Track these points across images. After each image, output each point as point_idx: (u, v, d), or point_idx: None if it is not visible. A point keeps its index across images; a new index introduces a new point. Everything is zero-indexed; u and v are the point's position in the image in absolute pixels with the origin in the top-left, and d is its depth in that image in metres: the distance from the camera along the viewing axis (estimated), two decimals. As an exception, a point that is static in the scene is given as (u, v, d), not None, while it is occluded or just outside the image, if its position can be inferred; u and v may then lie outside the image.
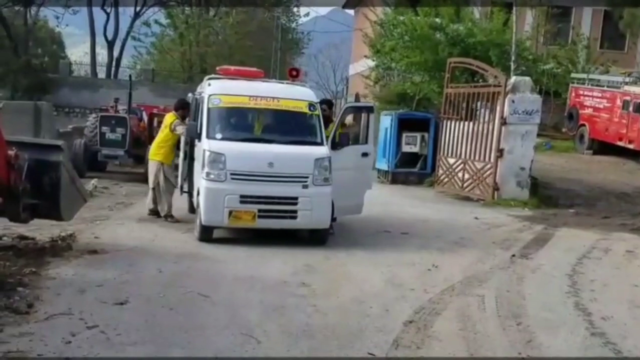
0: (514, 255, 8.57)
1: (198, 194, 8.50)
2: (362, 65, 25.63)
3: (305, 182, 8.28)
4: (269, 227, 8.43)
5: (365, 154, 9.45)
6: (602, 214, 12.55)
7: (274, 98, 8.85)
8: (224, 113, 8.84)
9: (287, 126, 9.00)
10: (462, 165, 14.01)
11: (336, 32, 41.50)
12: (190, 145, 9.60)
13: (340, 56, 51.22)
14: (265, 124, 9.05)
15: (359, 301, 6.20)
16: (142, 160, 14.51)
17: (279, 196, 8.19)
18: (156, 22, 33.73)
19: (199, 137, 8.69)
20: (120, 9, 34.10)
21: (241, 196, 8.05)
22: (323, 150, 8.57)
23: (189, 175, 9.65)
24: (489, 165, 13.31)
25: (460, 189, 14.04)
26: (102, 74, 34.00)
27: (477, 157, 13.66)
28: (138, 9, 34.42)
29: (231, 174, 8.07)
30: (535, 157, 13.85)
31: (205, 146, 8.31)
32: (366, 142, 9.56)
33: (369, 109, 9.92)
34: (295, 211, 8.27)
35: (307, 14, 42.04)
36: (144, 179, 13.70)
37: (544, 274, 7.72)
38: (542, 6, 24.35)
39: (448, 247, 8.87)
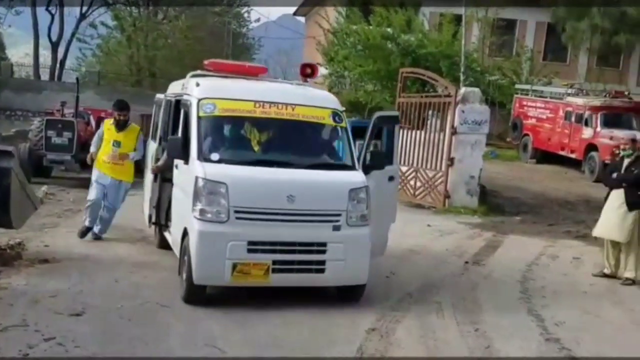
0: (467, 262, 8.76)
1: (184, 236, 6.27)
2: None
3: (337, 221, 6.16)
4: (287, 285, 6.25)
5: (391, 178, 7.26)
6: (547, 222, 12.95)
7: (287, 104, 6.61)
8: (221, 125, 6.68)
9: (307, 143, 6.87)
10: (414, 173, 14.22)
11: (287, 39, 41.71)
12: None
13: (291, 62, 51.50)
14: (278, 141, 6.71)
15: (323, 311, 6.25)
16: (90, 165, 14.23)
17: (302, 242, 6.06)
18: (102, 23, 33.00)
19: (184, 157, 6.40)
20: (66, 10, 33.20)
21: (250, 243, 5.89)
22: (358, 177, 6.43)
23: (160, 202, 7.77)
24: (440, 174, 13.56)
25: (412, 197, 14.24)
26: (45, 76, 33.00)
27: (428, 166, 13.89)
28: (84, 10, 33.61)
29: (236, 212, 5.89)
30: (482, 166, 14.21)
31: (197, 172, 6.03)
32: (391, 163, 7.22)
33: (395, 120, 7.74)
34: (322, 262, 6.12)
35: (258, 20, 42.12)
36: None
37: (496, 281, 7.93)
38: (488, 18, 25.07)
39: (403, 255, 8.99)
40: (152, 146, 8.52)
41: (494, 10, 25.49)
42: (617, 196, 8.30)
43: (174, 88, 8.05)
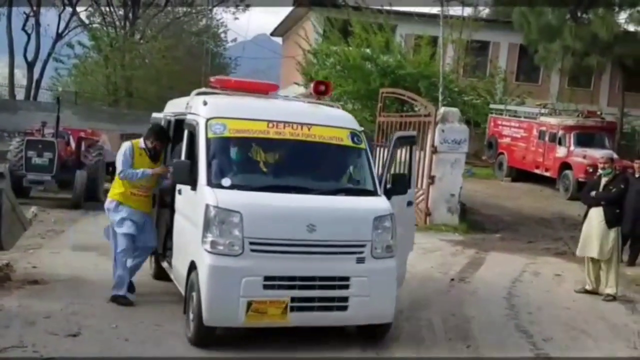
0: (452, 280, 8.92)
1: (190, 270, 5.72)
2: (291, 91, 25.96)
3: (361, 253, 5.68)
4: (307, 325, 5.74)
5: (409, 203, 6.84)
6: (526, 239, 13.21)
7: (302, 124, 6.13)
8: (232, 147, 6.15)
9: (325, 166, 6.42)
10: (395, 192, 14.42)
11: (264, 59, 41.90)
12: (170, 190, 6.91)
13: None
14: (294, 164, 6.27)
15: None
16: (69, 185, 14.11)
17: (323, 276, 5.56)
18: (79, 43, 32.83)
19: (191, 183, 5.88)
20: (42, 30, 33.01)
21: (266, 278, 5.39)
22: (382, 203, 5.99)
23: (157, 230, 7.11)
24: (421, 192, 13.76)
25: (394, 215, 14.42)
26: (20, 96, 32.66)
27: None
28: (60, 30, 33.45)
29: (251, 244, 5.40)
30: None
31: (208, 199, 5.53)
32: (409, 186, 6.74)
33: (412, 140, 7.30)
34: (345, 298, 5.60)
35: (235, 40, 42.26)
36: (70, 205, 13.40)
37: (482, 297, 8.09)
38: (462, 40, 25.59)
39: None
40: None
41: (468, 32, 26.04)
42: (596, 214, 8.55)
43: (174, 106, 7.61)
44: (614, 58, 25.50)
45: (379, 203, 5.99)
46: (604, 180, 8.68)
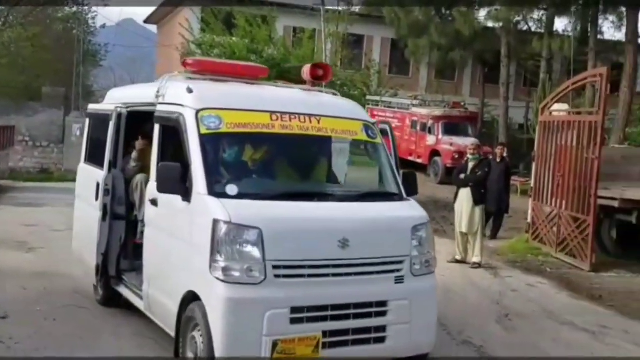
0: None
1: (187, 304, 4.63)
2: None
3: (400, 271, 4.76)
4: None
5: None
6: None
7: (311, 116, 5.08)
8: (233, 145, 5.13)
9: (343, 167, 5.80)
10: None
11: (140, 47, 41.02)
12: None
13: (140, 71, 50.23)
14: (307, 164, 5.50)
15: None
16: None
17: (358, 302, 4.59)
18: None
19: (183, 191, 4.70)
20: None
21: (293, 310, 4.37)
22: (416, 209, 5.10)
23: (110, 248, 5.99)
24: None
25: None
26: None
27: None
28: None
29: (274, 268, 4.35)
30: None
31: (214, 212, 4.42)
32: None
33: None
34: (383, 328, 4.68)
35: (104, 26, 40.88)
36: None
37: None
38: (339, 33, 26.81)
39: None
40: (94, 173, 6.40)
41: (344, 26, 27.32)
42: (465, 194, 9.84)
43: (130, 95, 6.46)
44: (474, 53, 27.96)
45: (413, 209, 5.08)
46: (471, 165, 9.97)
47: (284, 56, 18.23)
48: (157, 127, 5.38)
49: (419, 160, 22.02)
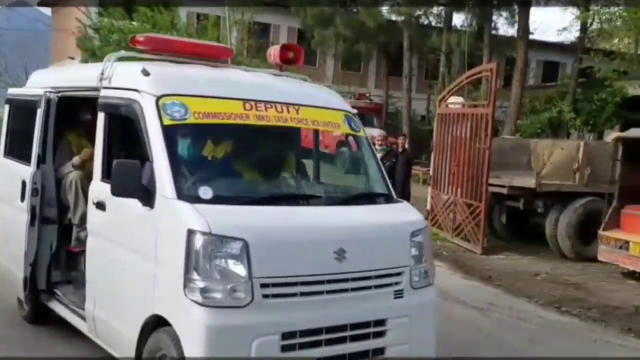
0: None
1: (151, 330, 3.88)
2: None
3: (399, 284, 4.20)
4: None
5: None
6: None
7: (288, 105, 4.42)
8: (201, 139, 4.44)
9: (327, 163, 5.09)
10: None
11: (27, 31, 38.87)
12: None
13: (34, 56, 47.56)
14: (286, 161, 4.92)
15: None
16: None
17: (355, 323, 3.97)
18: None
19: (143, 195, 3.93)
20: None
21: (284, 336, 3.71)
22: (412, 212, 4.56)
23: (39, 257, 5.12)
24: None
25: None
26: None
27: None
28: None
29: (262, 287, 3.67)
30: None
31: (188, 221, 3.68)
32: None
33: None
34: (381, 350, 4.11)
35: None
36: None
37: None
38: (244, 21, 26.66)
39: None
40: (18, 169, 5.49)
41: (249, 14, 27.16)
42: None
43: (64, 78, 5.54)
44: (379, 45, 28.63)
45: (409, 212, 4.54)
46: (379, 155, 10.28)
47: (188, 43, 17.95)
48: (101, 116, 4.57)
49: (326, 151, 22.32)
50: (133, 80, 4.25)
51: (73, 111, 5.44)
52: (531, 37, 22.81)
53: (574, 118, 20.75)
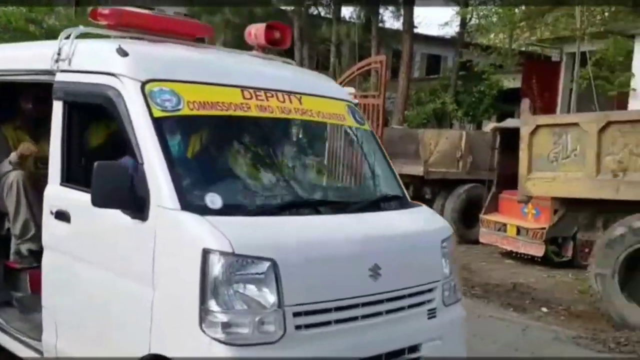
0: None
1: None
2: None
3: (431, 302, 3.67)
4: None
5: None
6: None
7: (290, 94, 3.79)
8: (200, 134, 3.75)
9: (323, 162, 4.47)
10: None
11: None
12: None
13: None
14: (295, 160, 4.24)
15: None
16: None
17: (390, 351, 3.39)
18: None
19: (133, 205, 3.18)
20: None
21: None
22: (435, 217, 4.16)
23: None
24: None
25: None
26: None
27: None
28: None
29: (295, 316, 3.04)
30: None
31: (200, 238, 2.98)
32: None
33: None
34: None
35: None
36: None
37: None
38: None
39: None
40: None
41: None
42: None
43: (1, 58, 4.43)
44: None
45: (434, 217, 4.11)
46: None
47: (67, 27, 17.14)
48: (57, 106, 3.75)
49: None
50: (104, 62, 3.49)
51: (7, 99, 4.65)
52: (416, 31, 23.73)
53: (456, 109, 21.86)
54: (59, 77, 3.75)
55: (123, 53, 3.41)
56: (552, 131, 7.99)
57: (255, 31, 4.32)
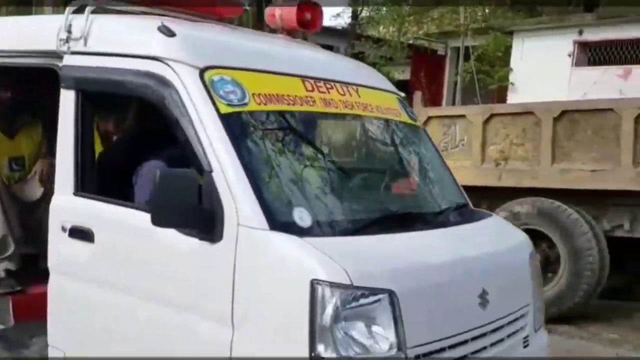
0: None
1: None
2: None
3: (524, 329, 3.19)
4: None
5: None
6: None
7: (347, 85, 3.23)
8: (269, 134, 2.90)
9: (395, 166, 3.64)
10: None
11: None
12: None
13: None
14: (373, 165, 3.64)
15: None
16: None
17: None
18: None
19: (205, 224, 2.52)
20: None
21: None
22: (510, 227, 3.68)
23: None
24: None
25: None
26: None
27: None
28: None
29: (417, 359, 2.49)
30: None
31: (307, 266, 2.37)
32: None
33: None
34: None
35: None
36: None
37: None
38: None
39: None
40: None
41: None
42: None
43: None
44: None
45: (510, 227, 3.64)
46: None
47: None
48: (69, 97, 3.01)
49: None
50: (141, 43, 2.82)
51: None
52: (309, 21, 23.89)
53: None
54: (69, 60, 3.03)
55: (169, 32, 2.76)
56: (442, 122, 8.40)
57: (281, 12, 3.65)
